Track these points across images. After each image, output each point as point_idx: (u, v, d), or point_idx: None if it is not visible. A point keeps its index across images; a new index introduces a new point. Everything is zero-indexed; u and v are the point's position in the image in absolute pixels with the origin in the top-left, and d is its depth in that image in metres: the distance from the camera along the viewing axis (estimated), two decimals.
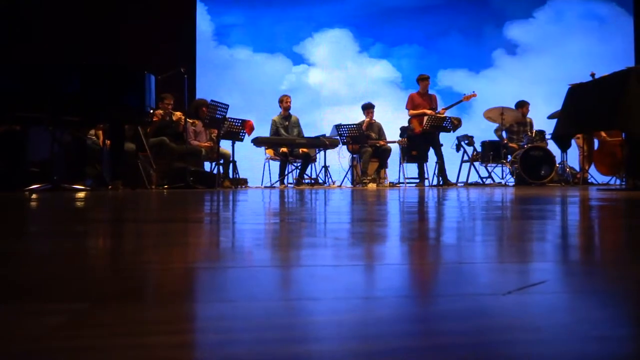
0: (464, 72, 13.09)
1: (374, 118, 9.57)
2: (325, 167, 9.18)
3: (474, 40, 13.21)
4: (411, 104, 9.35)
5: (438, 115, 9.07)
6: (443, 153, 9.24)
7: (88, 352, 0.41)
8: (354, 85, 13.52)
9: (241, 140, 8.16)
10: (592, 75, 7.56)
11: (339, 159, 9.61)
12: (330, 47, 13.67)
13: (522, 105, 9.73)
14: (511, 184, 9.12)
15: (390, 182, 9.61)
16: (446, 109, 9.32)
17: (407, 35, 13.55)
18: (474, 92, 9.39)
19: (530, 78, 12.55)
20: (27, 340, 0.43)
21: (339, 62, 13.76)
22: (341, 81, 13.63)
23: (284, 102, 9.39)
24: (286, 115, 9.39)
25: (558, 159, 8.84)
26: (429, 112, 9.16)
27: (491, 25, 13.16)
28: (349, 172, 9.49)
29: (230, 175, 8.25)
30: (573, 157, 9.58)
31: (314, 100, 12.78)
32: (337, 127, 8.99)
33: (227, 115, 7.74)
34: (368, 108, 9.54)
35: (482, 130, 10.10)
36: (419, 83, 9.45)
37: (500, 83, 12.65)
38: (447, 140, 9.40)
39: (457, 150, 9.57)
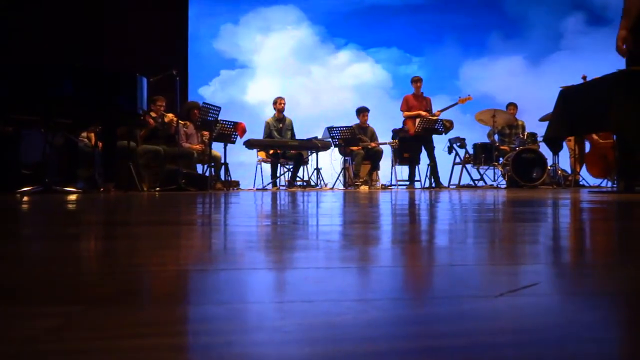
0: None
1: (367, 122, 9.57)
2: (318, 170, 9.17)
3: (471, 44, 12.89)
4: (406, 106, 9.36)
5: (430, 117, 9.09)
6: (435, 155, 9.25)
7: (81, 354, 0.41)
8: (319, 94, 12.12)
9: (233, 142, 8.15)
10: (584, 78, 7.60)
11: (331, 161, 9.62)
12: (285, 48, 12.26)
13: (510, 107, 9.78)
14: (503, 186, 9.15)
15: (382, 185, 9.62)
16: (441, 111, 9.33)
17: (386, 35, 12.57)
18: (469, 95, 9.39)
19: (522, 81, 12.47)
20: (19, 343, 0.43)
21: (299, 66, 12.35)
22: (303, 90, 12.15)
23: (278, 103, 9.37)
24: (280, 118, 9.37)
25: (549, 162, 8.87)
26: (424, 113, 9.17)
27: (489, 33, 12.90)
28: (341, 174, 9.48)
29: (222, 178, 8.23)
30: (564, 160, 9.63)
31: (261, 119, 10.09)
32: (329, 129, 8.99)
33: (219, 118, 7.74)
34: (363, 112, 9.53)
35: (474, 133, 10.13)
36: (413, 85, 9.46)
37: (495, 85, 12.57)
38: (439, 142, 9.42)
39: (449, 152, 9.59)
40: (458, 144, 9.50)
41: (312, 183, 9.30)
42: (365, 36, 12.75)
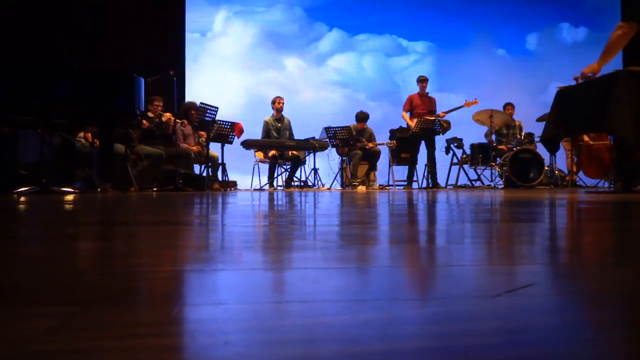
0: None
1: (366, 124, 9.56)
2: (315, 170, 9.17)
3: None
4: (409, 106, 9.36)
5: (428, 117, 9.08)
6: (435, 156, 9.25)
7: (78, 355, 0.40)
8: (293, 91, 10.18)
9: (230, 142, 8.14)
10: (576, 79, 7.61)
11: (328, 162, 9.61)
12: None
13: (507, 107, 9.78)
14: (500, 186, 9.15)
15: (379, 185, 9.62)
16: (446, 113, 9.33)
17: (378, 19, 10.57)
18: (475, 99, 9.39)
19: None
20: (17, 343, 0.43)
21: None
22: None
23: (277, 103, 9.35)
24: (279, 117, 9.36)
25: (547, 162, 8.88)
26: (412, 123, 9.12)
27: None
28: (339, 175, 9.48)
29: (220, 178, 8.23)
30: (562, 160, 9.63)
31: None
32: (327, 129, 8.99)
33: (217, 118, 7.73)
34: (362, 120, 9.50)
35: (471, 133, 10.09)
36: (418, 84, 9.46)
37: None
38: (436, 143, 9.40)
39: (447, 152, 9.59)
40: (455, 144, 9.50)
41: (310, 183, 9.30)
42: (353, 20, 10.70)
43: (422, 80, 9.45)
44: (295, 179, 9.39)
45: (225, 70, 10.36)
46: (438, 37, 11.77)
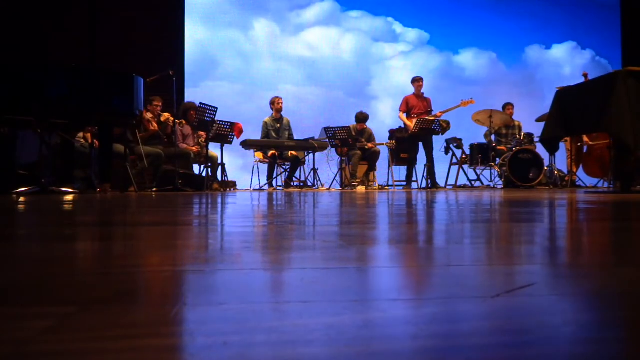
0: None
1: (365, 125, 9.55)
2: (314, 170, 9.16)
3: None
4: (405, 106, 9.32)
5: (427, 117, 9.07)
6: (433, 156, 9.23)
7: (77, 355, 0.40)
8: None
9: (230, 143, 8.14)
10: (585, 75, 7.63)
11: (327, 162, 9.61)
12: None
13: (507, 107, 9.77)
14: (500, 186, 9.15)
15: (379, 185, 9.62)
16: (442, 112, 9.30)
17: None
18: (471, 98, 9.37)
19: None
20: (14, 344, 0.43)
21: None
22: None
23: (276, 103, 9.33)
24: (278, 118, 9.34)
25: (546, 162, 8.88)
26: (411, 125, 9.10)
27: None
28: (338, 175, 9.48)
29: (219, 178, 8.22)
30: (561, 160, 9.63)
31: None
32: (326, 129, 8.98)
33: (216, 118, 7.73)
34: (362, 121, 9.49)
35: (471, 133, 10.08)
36: (413, 85, 9.41)
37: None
38: (436, 143, 9.39)
39: (446, 153, 9.59)
40: (455, 144, 9.50)
41: (309, 183, 9.29)
42: None
43: (417, 81, 9.39)
44: (294, 179, 9.38)
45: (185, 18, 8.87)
46: (434, 30, 11.28)
